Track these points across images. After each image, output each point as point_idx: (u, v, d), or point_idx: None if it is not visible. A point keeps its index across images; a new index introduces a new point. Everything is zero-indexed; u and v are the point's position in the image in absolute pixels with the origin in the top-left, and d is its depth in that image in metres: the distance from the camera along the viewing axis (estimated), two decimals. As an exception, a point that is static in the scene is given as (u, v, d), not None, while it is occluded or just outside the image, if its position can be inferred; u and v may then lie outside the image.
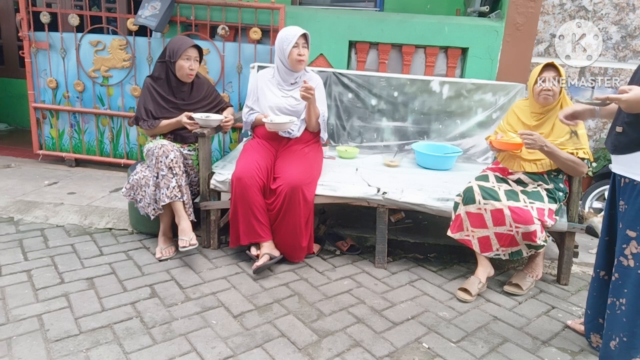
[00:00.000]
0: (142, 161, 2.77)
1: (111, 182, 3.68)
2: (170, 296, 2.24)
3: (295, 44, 2.67)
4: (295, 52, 2.68)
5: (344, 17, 3.63)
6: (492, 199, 2.36)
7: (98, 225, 2.97)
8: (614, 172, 1.82)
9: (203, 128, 2.68)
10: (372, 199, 2.62)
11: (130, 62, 3.74)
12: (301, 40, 2.68)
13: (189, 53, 2.69)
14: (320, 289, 2.40)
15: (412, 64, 3.71)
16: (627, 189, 1.73)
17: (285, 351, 1.89)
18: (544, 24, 4.03)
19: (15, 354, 1.77)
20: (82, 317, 2.02)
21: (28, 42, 3.76)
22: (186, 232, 2.51)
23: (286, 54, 2.69)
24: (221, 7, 3.59)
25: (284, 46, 2.69)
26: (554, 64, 2.36)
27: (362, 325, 2.10)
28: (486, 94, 3.32)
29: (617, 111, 1.78)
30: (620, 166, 1.77)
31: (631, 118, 1.66)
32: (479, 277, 2.42)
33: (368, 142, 3.47)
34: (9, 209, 3.06)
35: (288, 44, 2.67)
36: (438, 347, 1.99)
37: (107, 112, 3.85)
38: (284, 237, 2.59)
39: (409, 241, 2.95)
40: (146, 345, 1.87)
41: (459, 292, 2.39)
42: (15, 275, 2.33)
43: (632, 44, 3.98)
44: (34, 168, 3.90)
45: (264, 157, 2.70)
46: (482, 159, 3.35)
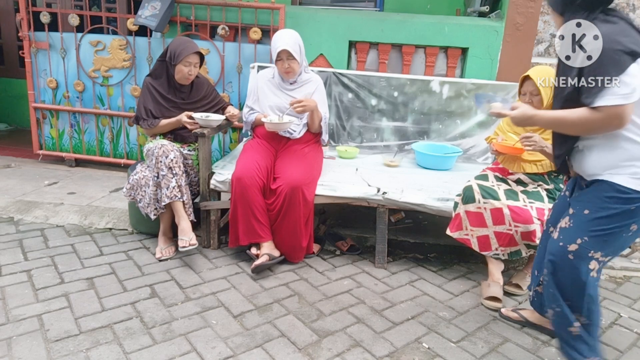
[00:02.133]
0: (142, 161, 2.77)
1: (111, 182, 3.68)
2: (170, 296, 2.24)
3: (280, 58, 2.67)
4: (280, 66, 2.70)
5: (344, 17, 3.62)
6: (491, 198, 2.36)
7: (98, 225, 2.97)
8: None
9: (203, 128, 2.68)
10: (372, 199, 2.62)
11: (130, 62, 3.74)
12: (285, 54, 2.65)
13: (189, 59, 2.68)
14: (320, 289, 2.40)
15: (412, 64, 3.71)
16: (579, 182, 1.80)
17: (285, 351, 1.89)
18: (544, 24, 4.02)
19: (15, 354, 1.77)
20: (82, 317, 2.02)
21: (28, 42, 3.76)
22: (186, 232, 2.51)
23: (275, 64, 2.72)
24: (221, 7, 3.58)
25: (273, 56, 2.71)
26: (529, 75, 2.27)
27: (362, 325, 2.10)
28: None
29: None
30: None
31: (555, 138, 1.78)
32: (498, 281, 2.40)
33: (368, 142, 3.47)
34: (9, 209, 3.06)
35: (275, 55, 2.68)
36: (438, 347, 1.99)
37: (107, 112, 3.85)
38: (284, 237, 2.59)
39: (409, 241, 2.95)
40: (146, 345, 1.87)
41: (488, 302, 2.33)
42: (15, 275, 2.33)
43: (632, 44, 3.97)
44: (34, 168, 3.90)
45: (264, 157, 2.70)
46: (482, 159, 3.35)
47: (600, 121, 1.54)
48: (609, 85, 1.49)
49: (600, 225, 1.63)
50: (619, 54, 1.48)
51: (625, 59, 1.48)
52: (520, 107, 1.71)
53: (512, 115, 1.72)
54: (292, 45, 2.64)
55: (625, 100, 1.49)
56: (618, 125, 1.54)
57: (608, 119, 1.53)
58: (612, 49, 1.49)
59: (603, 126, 1.55)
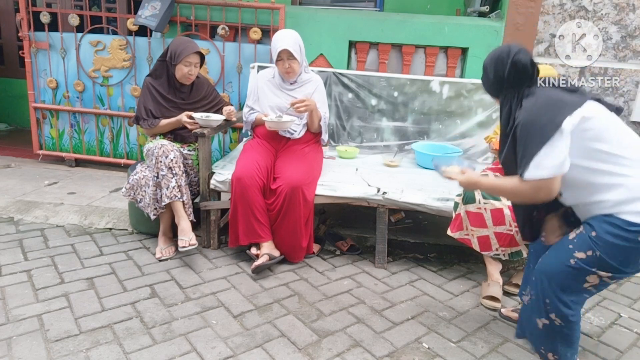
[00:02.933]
0: (142, 161, 2.77)
1: (111, 182, 3.68)
2: (170, 296, 2.24)
3: (280, 58, 2.67)
4: (281, 66, 2.70)
5: (344, 17, 3.63)
6: (492, 199, 2.36)
7: (98, 225, 2.97)
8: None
9: (203, 128, 2.68)
10: (372, 199, 2.62)
11: (130, 62, 3.74)
12: (285, 54, 2.65)
13: (190, 59, 2.68)
14: (320, 289, 2.40)
15: (412, 64, 3.72)
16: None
17: (285, 351, 1.89)
18: (544, 24, 4.03)
19: (15, 354, 1.77)
20: (82, 317, 2.02)
21: (28, 42, 3.76)
22: (186, 232, 2.51)
23: (275, 64, 2.72)
24: (221, 7, 3.59)
25: (273, 56, 2.71)
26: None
27: (362, 325, 2.10)
28: (486, 94, 3.28)
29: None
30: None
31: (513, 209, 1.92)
32: (497, 281, 2.41)
33: (368, 142, 3.47)
34: (9, 209, 3.06)
35: (275, 55, 2.68)
36: (438, 347, 1.99)
37: (107, 112, 3.85)
38: (284, 237, 2.59)
39: (409, 241, 2.95)
40: (146, 345, 1.87)
41: (487, 302, 2.33)
42: (15, 275, 2.33)
43: (632, 44, 3.98)
44: (34, 168, 3.90)
45: (264, 157, 2.70)
46: (482, 159, 3.35)
47: (528, 192, 1.60)
48: (535, 158, 1.54)
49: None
50: (540, 126, 1.54)
51: (547, 130, 1.52)
52: (467, 172, 1.85)
53: (460, 180, 1.85)
54: (292, 45, 2.63)
55: (550, 172, 1.53)
56: (545, 197, 1.59)
57: (535, 191, 1.58)
58: (533, 122, 1.56)
59: (532, 197, 1.62)
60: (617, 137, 1.58)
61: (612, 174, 1.56)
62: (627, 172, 1.55)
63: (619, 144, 1.57)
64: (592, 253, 1.59)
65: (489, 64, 1.76)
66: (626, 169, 1.55)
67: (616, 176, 1.56)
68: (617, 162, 1.56)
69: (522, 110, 1.62)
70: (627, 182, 1.55)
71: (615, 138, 1.57)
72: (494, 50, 1.76)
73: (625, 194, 1.54)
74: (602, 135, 1.56)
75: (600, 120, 1.58)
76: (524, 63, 1.67)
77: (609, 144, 1.56)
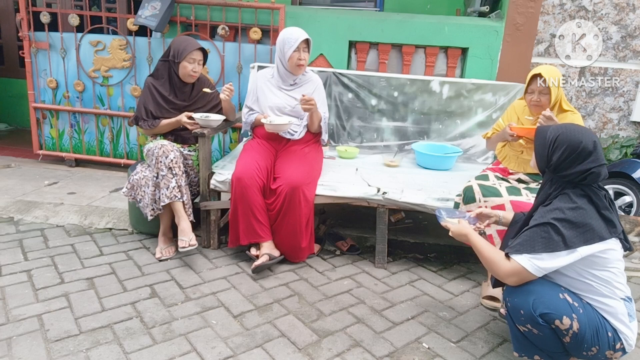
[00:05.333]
0: (142, 161, 2.77)
1: (111, 182, 3.68)
2: (170, 296, 2.24)
3: (297, 48, 2.66)
4: (296, 57, 2.68)
5: (344, 17, 3.63)
6: (493, 196, 2.35)
7: (98, 225, 2.97)
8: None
9: (203, 128, 2.68)
10: (372, 199, 2.62)
11: (130, 62, 3.74)
12: (303, 44, 2.67)
13: (193, 56, 2.69)
14: (320, 289, 2.40)
15: (412, 64, 3.72)
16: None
17: (285, 351, 1.89)
18: (544, 24, 4.03)
19: (15, 354, 1.77)
20: (82, 317, 2.02)
21: (28, 42, 3.76)
22: (186, 233, 2.51)
23: (287, 56, 2.68)
24: (221, 7, 3.59)
25: (285, 48, 2.68)
26: (541, 74, 2.28)
27: (362, 325, 2.10)
28: (486, 94, 3.32)
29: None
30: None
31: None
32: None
33: (368, 142, 3.47)
34: (9, 209, 3.06)
35: (289, 47, 2.65)
36: (438, 347, 1.99)
37: (107, 112, 3.85)
38: (284, 237, 2.59)
39: (409, 241, 2.95)
40: (146, 345, 1.87)
41: (486, 302, 2.34)
42: (15, 275, 2.33)
43: (632, 44, 3.98)
44: (34, 168, 3.90)
45: (264, 157, 2.70)
46: (482, 159, 3.35)
47: (505, 270, 1.65)
48: (535, 253, 1.59)
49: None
50: (557, 236, 1.58)
51: (561, 245, 1.57)
52: (461, 223, 1.93)
53: (452, 229, 1.93)
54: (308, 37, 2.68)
55: (536, 272, 1.60)
56: (513, 282, 1.65)
57: (511, 273, 1.63)
58: (555, 227, 1.58)
59: (504, 275, 1.66)
60: (616, 274, 1.64)
61: (597, 293, 1.63)
62: (609, 299, 1.63)
63: (615, 277, 1.63)
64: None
65: (565, 147, 1.64)
66: (608, 299, 1.63)
67: (600, 295, 1.64)
68: (606, 286, 1.63)
69: (555, 207, 1.63)
70: (607, 301, 1.63)
71: (614, 273, 1.63)
72: (579, 136, 1.64)
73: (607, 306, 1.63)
74: (605, 266, 1.62)
75: (609, 260, 1.62)
76: (592, 173, 1.61)
77: (608, 272, 1.62)
